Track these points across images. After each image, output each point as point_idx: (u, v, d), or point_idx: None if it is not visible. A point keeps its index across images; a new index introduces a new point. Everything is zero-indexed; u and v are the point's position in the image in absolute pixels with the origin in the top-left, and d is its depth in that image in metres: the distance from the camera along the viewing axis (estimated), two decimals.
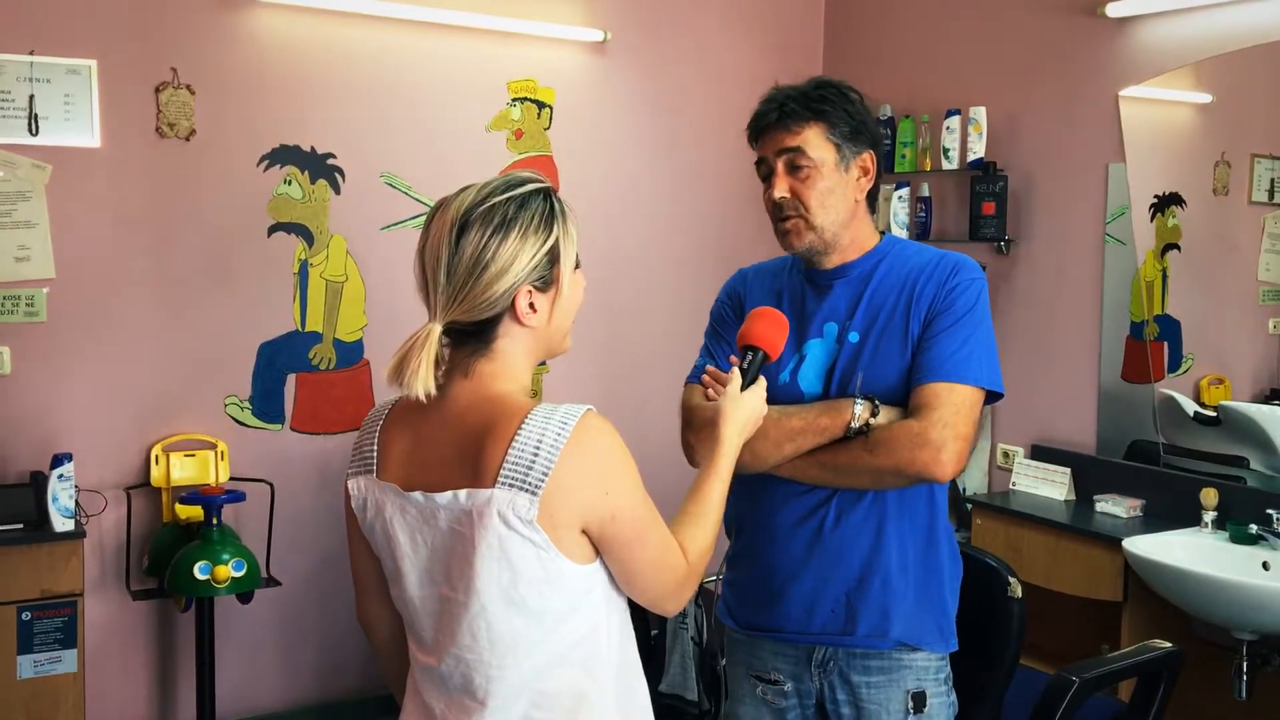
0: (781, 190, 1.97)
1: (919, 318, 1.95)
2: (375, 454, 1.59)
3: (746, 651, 2.12)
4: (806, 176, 1.96)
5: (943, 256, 2.01)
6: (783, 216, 1.99)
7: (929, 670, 2.00)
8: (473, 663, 1.50)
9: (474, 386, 1.52)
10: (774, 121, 1.97)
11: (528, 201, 1.51)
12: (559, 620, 1.49)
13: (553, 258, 1.52)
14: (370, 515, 1.59)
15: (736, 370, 1.80)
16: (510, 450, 1.44)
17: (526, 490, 1.43)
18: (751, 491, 2.07)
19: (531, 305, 1.52)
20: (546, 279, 1.52)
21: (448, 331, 1.52)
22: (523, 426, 1.45)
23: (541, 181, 1.55)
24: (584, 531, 1.48)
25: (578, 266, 1.58)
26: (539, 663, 1.50)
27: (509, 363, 1.54)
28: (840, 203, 1.98)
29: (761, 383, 1.82)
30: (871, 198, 2.06)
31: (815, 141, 1.96)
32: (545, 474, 1.42)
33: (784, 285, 2.11)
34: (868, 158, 2.00)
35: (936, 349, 1.92)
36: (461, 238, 1.48)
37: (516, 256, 1.48)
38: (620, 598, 1.57)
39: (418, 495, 1.51)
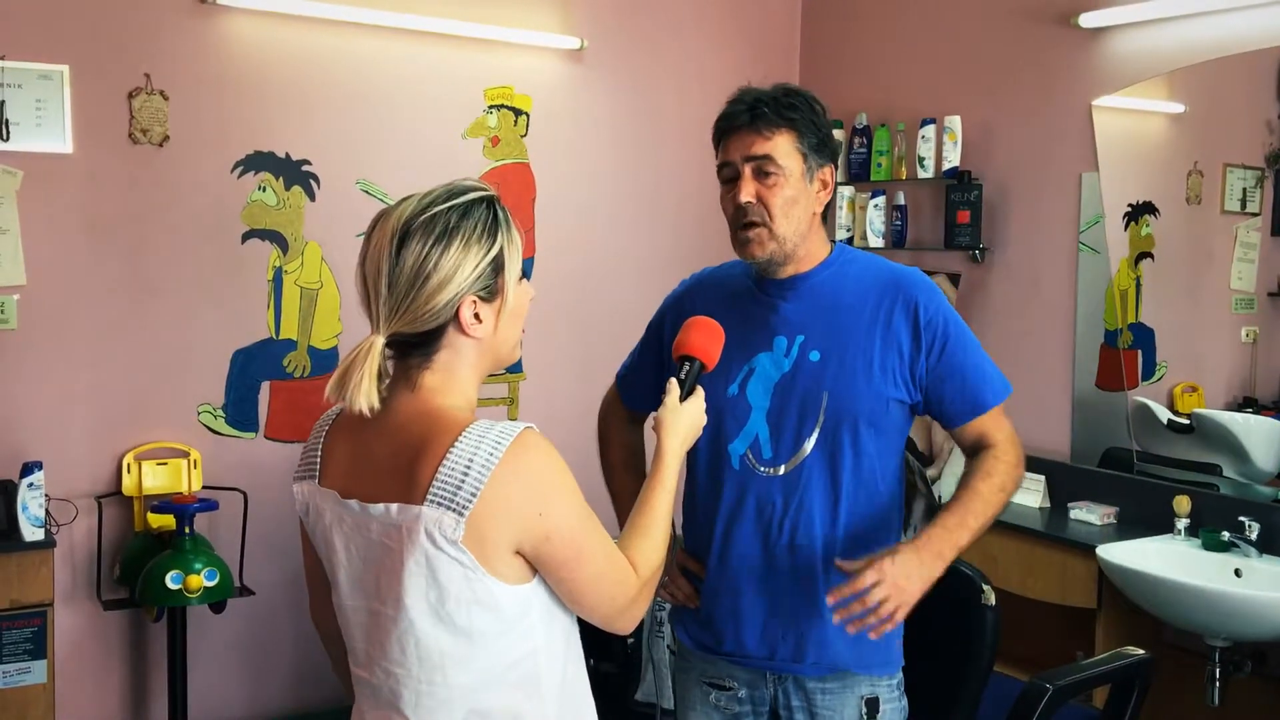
0: (748, 195, 1.93)
1: (895, 347, 1.96)
2: (319, 460, 1.57)
3: (700, 660, 2.11)
4: (774, 184, 1.93)
5: (899, 277, 2.01)
6: (745, 224, 1.95)
7: (882, 678, 2.02)
8: (401, 677, 1.49)
9: (417, 399, 1.50)
10: (745, 124, 1.94)
11: (470, 210, 1.49)
12: (490, 640, 1.47)
13: (497, 267, 1.49)
14: (312, 521, 1.58)
15: (674, 382, 1.77)
16: (441, 468, 1.42)
17: (454, 510, 1.40)
18: (703, 513, 2.07)
19: (476, 315, 1.49)
20: (491, 289, 1.50)
21: (392, 343, 1.49)
22: (456, 444, 1.42)
23: (485, 190, 1.52)
24: (518, 552, 1.45)
25: (524, 276, 1.56)
26: (470, 681, 1.47)
27: (454, 375, 1.51)
28: (802, 213, 1.96)
29: (699, 393, 1.79)
30: (825, 211, 2.04)
31: (785, 149, 1.93)
32: (474, 494, 1.40)
33: (733, 294, 2.08)
34: (828, 172, 2.00)
35: (962, 381, 1.97)
36: (402, 248, 1.46)
37: (459, 266, 1.46)
38: (566, 617, 1.55)
39: (354, 504, 1.50)
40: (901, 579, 1.82)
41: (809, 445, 1.96)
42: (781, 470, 1.98)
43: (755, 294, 2.05)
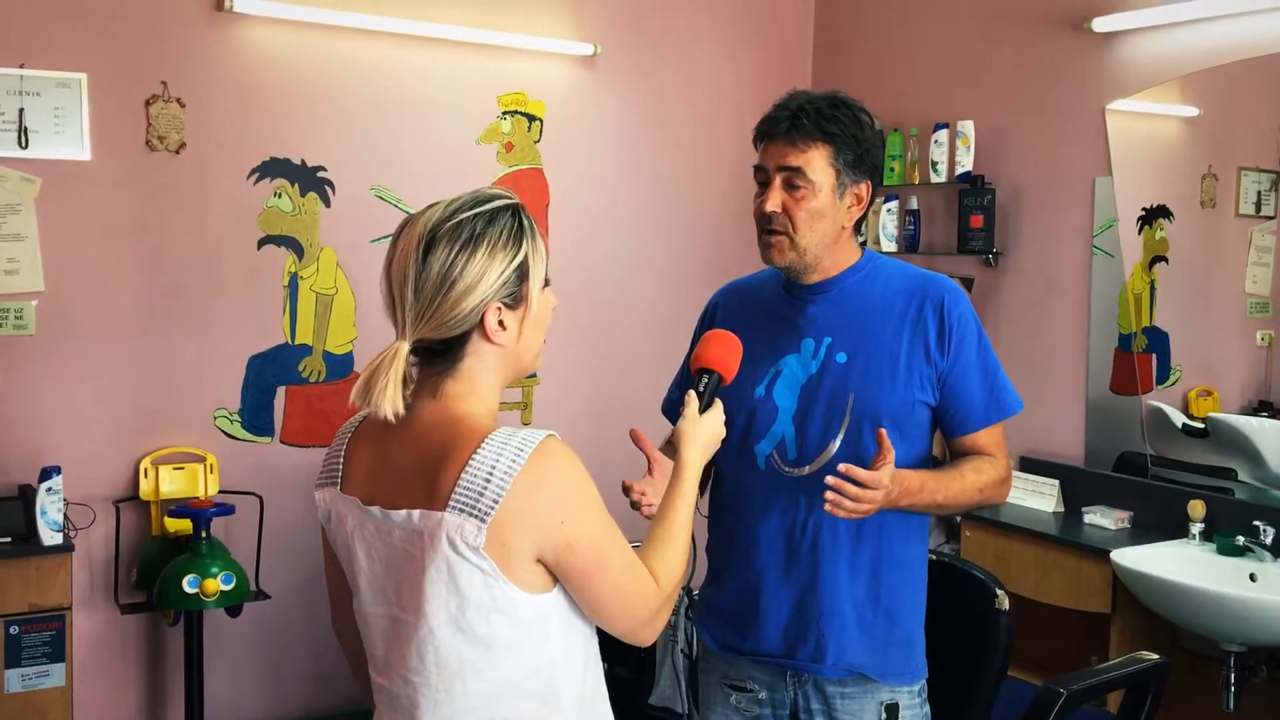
0: (774, 205, 1.96)
1: (921, 349, 1.98)
2: (341, 467, 1.58)
3: (722, 661, 2.13)
4: (802, 197, 1.95)
5: (928, 281, 2.03)
6: (769, 230, 1.99)
7: (901, 686, 2.03)
8: (419, 685, 1.49)
9: (440, 407, 1.50)
10: (782, 133, 1.96)
11: (496, 217, 1.49)
12: (510, 648, 1.46)
13: (521, 274, 1.50)
14: (334, 528, 1.58)
15: (693, 394, 1.78)
16: (464, 474, 1.42)
17: (475, 517, 1.41)
18: (728, 512, 2.09)
19: (501, 323, 1.49)
20: (516, 296, 1.50)
21: (416, 350, 1.50)
22: (479, 451, 1.43)
23: (510, 198, 1.53)
24: (539, 560, 1.45)
25: (547, 284, 1.56)
26: (489, 690, 1.47)
27: (476, 383, 1.51)
28: (828, 227, 1.98)
29: (718, 405, 1.80)
30: (859, 221, 2.05)
31: (818, 164, 1.95)
32: (496, 501, 1.40)
33: (763, 299, 2.11)
34: (864, 188, 2.00)
35: (974, 390, 2.00)
36: (429, 254, 1.46)
37: (485, 273, 1.46)
38: (585, 626, 1.55)
39: (376, 511, 1.50)
40: (884, 499, 1.83)
41: (834, 446, 1.97)
42: (806, 471, 1.99)
43: (785, 297, 2.07)
